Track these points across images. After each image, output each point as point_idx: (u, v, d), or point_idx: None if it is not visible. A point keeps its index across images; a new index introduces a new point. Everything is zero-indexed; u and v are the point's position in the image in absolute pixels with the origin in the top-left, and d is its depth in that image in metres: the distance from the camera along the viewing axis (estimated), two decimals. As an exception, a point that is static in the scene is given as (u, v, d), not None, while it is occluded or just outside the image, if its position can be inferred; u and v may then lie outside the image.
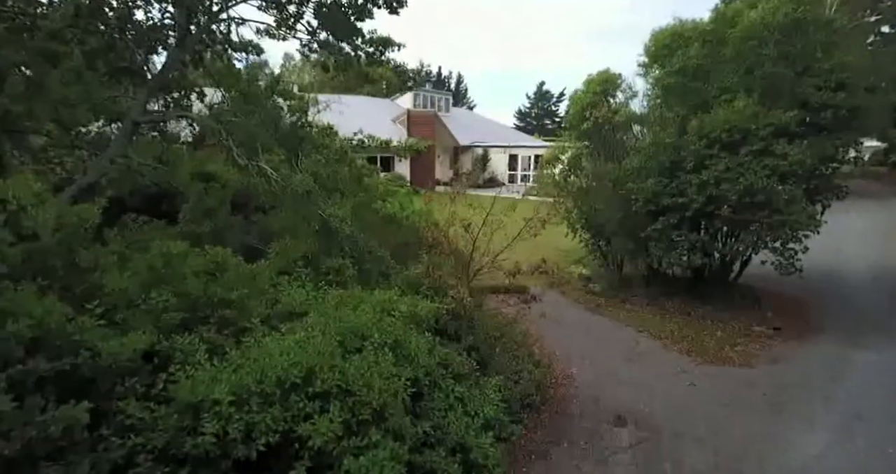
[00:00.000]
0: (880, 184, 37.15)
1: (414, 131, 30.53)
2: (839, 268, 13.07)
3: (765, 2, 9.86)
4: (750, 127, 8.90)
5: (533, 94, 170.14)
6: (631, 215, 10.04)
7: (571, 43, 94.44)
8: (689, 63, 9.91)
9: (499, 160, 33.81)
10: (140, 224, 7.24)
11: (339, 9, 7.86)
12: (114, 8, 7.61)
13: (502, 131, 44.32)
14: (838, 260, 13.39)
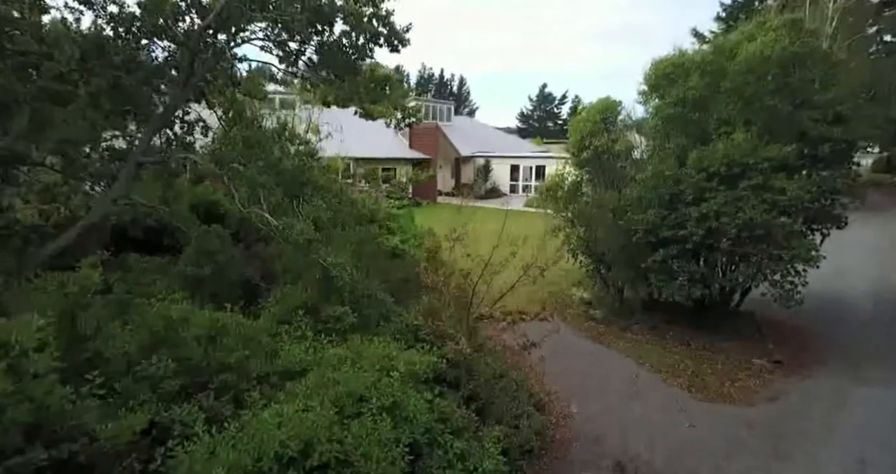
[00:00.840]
0: (882, 194, 36.91)
1: (416, 143, 30.64)
2: (840, 290, 13.03)
3: (763, 35, 9.90)
4: (748, 161, 8.91)
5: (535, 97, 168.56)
6: (631, 245, 10.05)
7: (573, 43, 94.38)
8: (689, 94, 9.94)
9: (501, 170, 33.88)
10: (142, 264, 7.31)
11: (340, 49, 7.91)
12: (119, 50, 7.67)
13: (504, 139, 44.42)
14: (839, 280, 13.33)
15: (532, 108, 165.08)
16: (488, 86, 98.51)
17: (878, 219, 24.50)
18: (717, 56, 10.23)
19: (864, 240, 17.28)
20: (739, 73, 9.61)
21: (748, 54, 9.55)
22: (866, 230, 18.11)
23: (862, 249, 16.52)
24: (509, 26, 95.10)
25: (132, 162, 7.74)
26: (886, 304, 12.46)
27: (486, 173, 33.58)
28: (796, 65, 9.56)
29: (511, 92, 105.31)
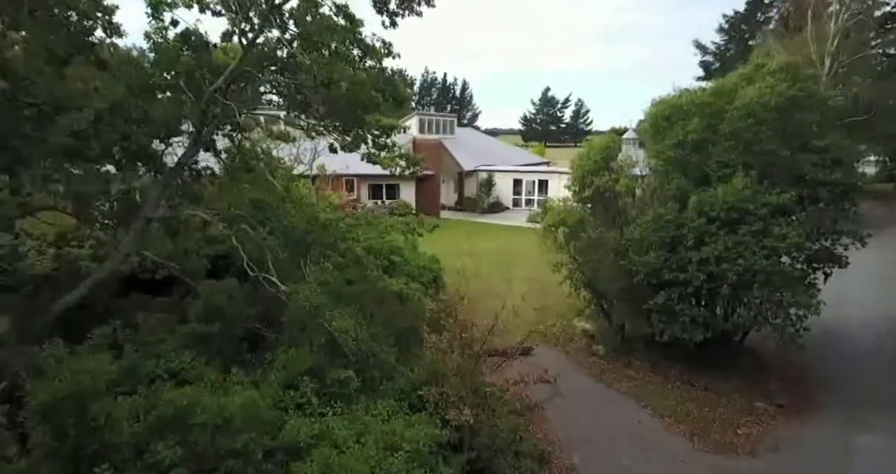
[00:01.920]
0: (885, 207, 36.09)
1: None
2: (840, 320, 12.87)
3: (761, 79, 9.98)
4: (748, 207, 8.97)
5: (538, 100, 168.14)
6: (633, 285, 10.11)
7: (576, 43, 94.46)
8: (689, 137, 10.02)
9: (503, 184, 33.97)
10: (150, 320, 7.43)
11: (347, 103, 8.03)
12: (133, 107, 7.84)
13: (507, 151, 44.56)
14: (839, 308, 12.88)
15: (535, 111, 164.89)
16: (491, 87, 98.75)
17: (880, 239, 24.24)
18: (716, 99, 10.31)
19: (864, 264, 16.96)
20: (738, 117, 9.69)
21: (747, 99, 9.63)
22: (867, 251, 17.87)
23: (863, 274, 16.33)
24: (511, 27, 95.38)
25: (142, 217, 7.91)
26: (887, 338, 12.45)
27: (489, 187, 33.67)
28: (794, 110, 9.63)
29: (514, 93, 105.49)
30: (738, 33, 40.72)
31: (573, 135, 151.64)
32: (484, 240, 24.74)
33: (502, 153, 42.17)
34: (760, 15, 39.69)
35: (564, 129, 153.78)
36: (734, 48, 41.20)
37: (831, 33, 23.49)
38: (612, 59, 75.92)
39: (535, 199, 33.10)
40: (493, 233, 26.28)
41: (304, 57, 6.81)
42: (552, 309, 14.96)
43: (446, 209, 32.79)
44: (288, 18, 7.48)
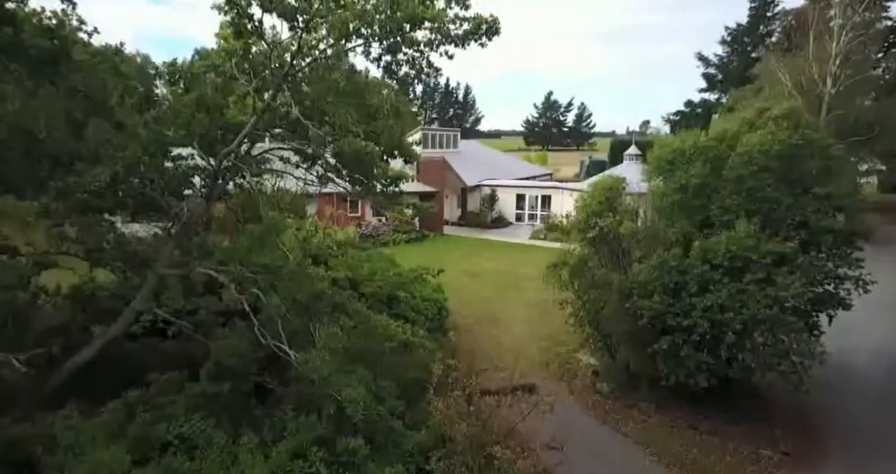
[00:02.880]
0: (889, 222, 35.51)
1: (423, 177, 30.96)
2: (845, 352, 12.77)
3: (763, 126, 10.09)
4: (751, 256, 9.07)
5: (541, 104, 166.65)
6: (638, 328, 10.20)
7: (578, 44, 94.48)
8: (691, 181, 10.13)
9: (506, 199, 34.11)
10: (161, 380, 7.58)
11: (356, 158, 8.18)
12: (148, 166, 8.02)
13: (510, 163, 44.77)
14: (843, 339, 12.35)
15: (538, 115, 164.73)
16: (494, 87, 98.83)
17: (885, 260, 23.90)
18: (718, 143, 10.43)
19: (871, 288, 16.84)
20: (740, 164, 9.79)
21: (748, 147, 9.74)
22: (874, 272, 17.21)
23: (868, 301, 16.09)
24: (514, 28, 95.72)
25: (154, 274, 8.08)
26: (892, 373, 12.46)
27: (491, 202, 33.82)
28: (796, 157, 9.73)
29: (517, 94, 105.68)
30: (740, 46, 40.84)
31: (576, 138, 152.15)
32: (486, 258, 24.81)
33: (505, 165, 42.36)
34: (763, 27, 39.80)
35: (567, 133, 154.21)
36: (737, 60, 41.32)
37: (833, 53, 23.55)
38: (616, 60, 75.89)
39: (537, 214, 33.23)
40: (496, 252, 26.34)
41: (315, 127, 6.95)
42: (555, 337, 15.01)
43: (449, 224, 32.94)
44: (300, 83, 7.65)
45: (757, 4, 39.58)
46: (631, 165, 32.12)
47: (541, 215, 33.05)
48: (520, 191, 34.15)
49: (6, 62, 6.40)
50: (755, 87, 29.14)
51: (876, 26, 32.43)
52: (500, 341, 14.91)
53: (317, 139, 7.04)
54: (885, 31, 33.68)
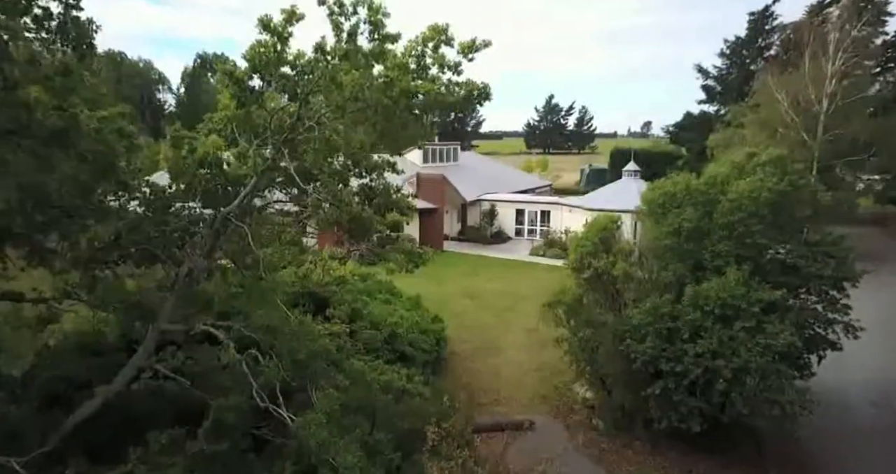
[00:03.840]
0: (885, 234, 35.06)
1: (423, 192, 31.18)
2: (839, 384, 12.84)
3: (752, 171, 10.29)
4: (741, 305, 9.25)
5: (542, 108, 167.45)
6: (631, 371, 10.38)
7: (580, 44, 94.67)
8: (684, 226, 10.33)
9: (506, 214, 34.31)
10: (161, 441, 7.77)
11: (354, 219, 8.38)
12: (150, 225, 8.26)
13: (510, 175, 45.00)
14: (837, 369, 12.29)
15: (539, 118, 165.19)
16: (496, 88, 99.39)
17: (881, 278, 23.85)
18: (709, 187, 10.62)
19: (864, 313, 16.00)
20: (730, 210, 9.99)
21: (738, 193, 9.93)
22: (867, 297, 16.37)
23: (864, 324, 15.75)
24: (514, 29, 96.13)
25: (155, 330, 8.30)
26: (887, 408, 12.59)
27: (491, 217, 34.03)
28: (785, 204, 9.93)
29: (519, 94, 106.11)
30: (738, 58, 41.02)
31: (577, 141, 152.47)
32: (486, 278, 24.98)
33: (505, 177, 42.61)
34: (761, 40, 39.99)
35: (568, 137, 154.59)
36: (735, 72, 41.50)
37: (829, 73, 23.72)
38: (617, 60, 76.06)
39: (537, 229, 33.42)
40: (495, 270, 26.50)
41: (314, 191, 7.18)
42: (553, 366, 15.14)
43: (449, 239, 33.15)
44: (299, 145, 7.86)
45: (755, 17, 39.77)
46: (629, 181, 32.34)
47: (540, 230, 33.25)
48: (519, 206, 34.35)
49: (20, 140, 6.65)
50: (753, 103, 29.32)
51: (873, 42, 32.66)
52: (499, 371, 15.08)
53: (315, 202, 7.26)
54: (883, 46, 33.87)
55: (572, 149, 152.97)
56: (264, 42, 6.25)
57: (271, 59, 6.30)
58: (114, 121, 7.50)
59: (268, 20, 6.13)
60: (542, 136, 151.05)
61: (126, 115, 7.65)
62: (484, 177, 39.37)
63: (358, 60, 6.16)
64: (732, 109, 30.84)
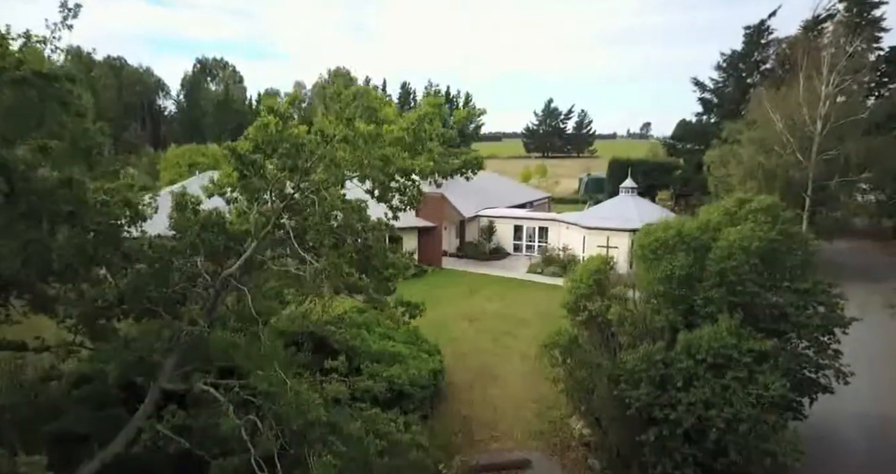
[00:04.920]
0: (884, 249, 34.96)
1: (423, 212, 31.38)
2: (831, 414, 12.83)
3: (743, 219, 10.48)
4: (733, 354, 9.43)
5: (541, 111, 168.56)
6: (626, 416, 10.53)
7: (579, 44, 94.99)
8: (676, 272, 10.50)
9: (504, 230, 34.50)
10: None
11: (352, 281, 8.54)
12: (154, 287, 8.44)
13: (508, 188, 45.27)
14: (834, 401, 11.66)
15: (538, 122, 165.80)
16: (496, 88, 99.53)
17: (880, 297, 23.87)
18: (702, 233, 10.80)
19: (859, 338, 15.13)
20: (722, 258, 10.17)
21: (729, 241, 10.11)
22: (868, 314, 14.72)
23: (861, 352, 14.33)
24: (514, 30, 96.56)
25: (156, 388, 8.47)
26: (881, 442, 12.73)
27: (489, 234, 34.22)
28: (775, 252, 10.11)
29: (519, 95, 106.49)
30: (735, 72, 41.29)
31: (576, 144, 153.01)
32: (485, 297, 25.12)
33: (504, 191, 42.87)
34: (757, 54, 40.27)
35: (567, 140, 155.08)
36: (732, 85, 41.77)
37: (822, 96, 23.96)
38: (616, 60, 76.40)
39: (535, 245, 33.61)
40: (494, 289, 26.64)
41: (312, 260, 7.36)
42: (550, 398, 15.26)
43: (448, 255, 33.32)
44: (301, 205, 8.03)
45: (751, 31, 40.06)
46: (626, 199, 32.55)
47: (538, 246, 33.43)
48: (517, 222, 34.55)
49: (29, 219, 6.83)
50: (748, 121, 29.55)
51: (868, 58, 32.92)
52: (497, 403, 15.22)
53: (314, 274, 7.44)
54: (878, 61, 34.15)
55: (571, 152, 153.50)
56: (268, 121, 6.44)
57: (273, 137, 6.49)
58: (120, 192, 7.68)
59: (273, 105, 6.33)
60: (541, 140, 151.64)
61: (132, 186, 7.83)
62: (482, 192, 39.53)
63: (356, 142, 6.35)
64: (728, 126, 31.05)
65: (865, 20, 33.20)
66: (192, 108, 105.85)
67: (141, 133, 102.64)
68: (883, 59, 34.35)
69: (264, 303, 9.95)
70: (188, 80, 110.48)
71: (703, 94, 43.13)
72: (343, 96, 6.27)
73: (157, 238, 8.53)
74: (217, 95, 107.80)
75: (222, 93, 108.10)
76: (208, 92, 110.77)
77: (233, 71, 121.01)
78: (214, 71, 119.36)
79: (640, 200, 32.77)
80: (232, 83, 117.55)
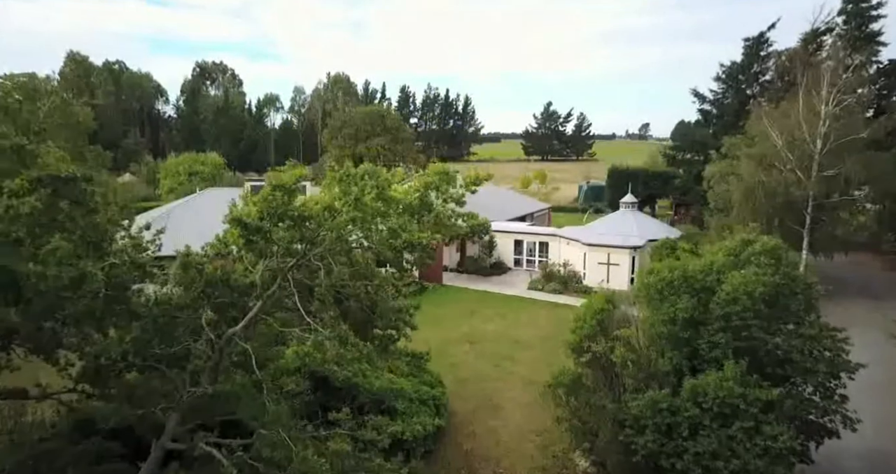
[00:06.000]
0: (878, 262, 34.41)
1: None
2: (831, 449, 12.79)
3: (747, 260, 10.45)
4: (739, 404, 9.38)
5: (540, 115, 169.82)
6: (632, 463, 10.48)
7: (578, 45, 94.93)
8: (680, 315, 10.47)
9: (505, 245, 34.47)
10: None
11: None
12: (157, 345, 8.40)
13: (507, 199, 45.26)
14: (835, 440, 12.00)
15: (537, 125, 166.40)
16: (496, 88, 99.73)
17: (881, 316, 23.80)
18: (706, 276, 10.77)
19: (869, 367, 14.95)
20: (727, 302, 10.13)
21: (734, 286, 10.08)
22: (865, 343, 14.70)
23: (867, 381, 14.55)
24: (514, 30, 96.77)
25: (159, 448, 8.41)
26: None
27: (490, 248, 34.19)
28: (780, 296, 10.09)
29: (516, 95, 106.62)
30: (734, 83, 41.37)
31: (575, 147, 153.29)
32: (485, 317, 25.05)
33: (504, 203, 42.84)
34: (756, 66, 40.35)
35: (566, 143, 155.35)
36: (731, 96, 41.85)
37: (822, 115, 23.98)
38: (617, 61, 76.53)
39: (535, 260, 33.58)
40: (495, 308, 26.57)
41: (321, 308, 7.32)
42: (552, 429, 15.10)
43: (449, 270, 33.28)
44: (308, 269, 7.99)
45: (751, 43, 40.13)
46: (627, 214, 32.54)
47: (539, 261, 33.40)
48: (518, 237, 34.53)
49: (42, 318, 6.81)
50: (748, 137, 29.54)
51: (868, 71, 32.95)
52: (499, 436, 15.16)
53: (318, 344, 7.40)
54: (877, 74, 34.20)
55: (570, 155, 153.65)
56: (275, 196, 6.42)
57: (279, 208, 6.47)
58: (134, 262, 7.63)
59: (279, 181, 6.32)
60: (540, 143, 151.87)
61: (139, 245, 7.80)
62: (483, 204, 39.15)
63: (365, 219, 6.32)
64: (728, 141, 31.08)
65: (864, 34, 33.25)
66: (191, 114, 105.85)
67: (140, 139, 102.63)
68: (882, 71, 34.40)
69: (268, 351, 9.90)
70: (188, 86, 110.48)
71: (703, 105, 43.21)
72: (353, 175, 6.24)
73: (163, 294, 8.49)
74: (217, 101, 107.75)
75: (222, 99, 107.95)
76: (207, 98, 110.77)
77: (232, 75, 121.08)
78: (214, 74, 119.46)
79: (640, 216, 32.79)
80: (231, 88, 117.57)
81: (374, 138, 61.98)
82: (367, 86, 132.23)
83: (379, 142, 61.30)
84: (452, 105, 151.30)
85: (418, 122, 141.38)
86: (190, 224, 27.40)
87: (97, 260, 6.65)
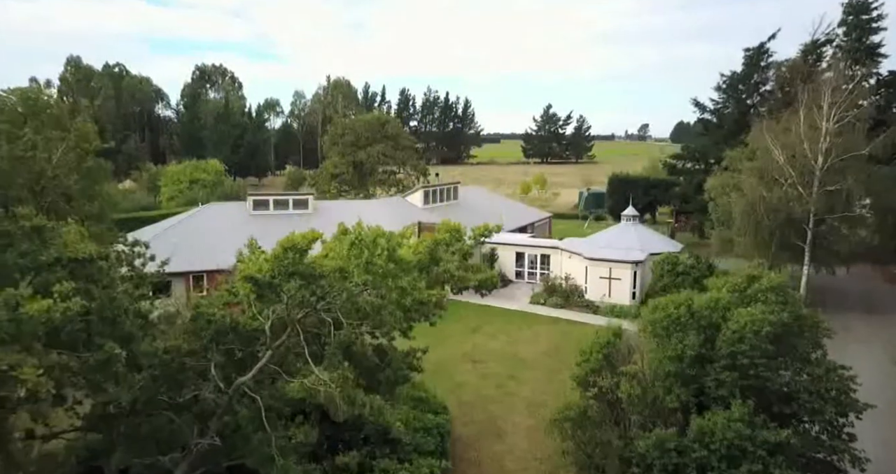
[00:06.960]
0: (879, 273, 33.92)
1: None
2: None
3: (753, 297, 10.47)
4: (747, 447, 9.39)
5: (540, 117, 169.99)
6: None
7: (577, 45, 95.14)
8: (686, 352, 10.48)
9: (506, 257, 34.45)
10: None
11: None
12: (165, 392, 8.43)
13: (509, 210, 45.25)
14: None
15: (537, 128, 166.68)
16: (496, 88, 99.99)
17: (883, 332, 23.81)
18: (712, 312, 10.79)
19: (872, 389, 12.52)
20: (733, 341, 10.14)
21: (740, 325, 10.09)
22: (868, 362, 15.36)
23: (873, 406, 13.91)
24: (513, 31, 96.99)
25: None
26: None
27: (491, 261, 34.17)
28: (786, 334, 10.10)
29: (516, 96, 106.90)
30: (735, 93, 41.42)
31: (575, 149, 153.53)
32: (488, 334, 24.99)
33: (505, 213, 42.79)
34: (757, 76, 40.41)
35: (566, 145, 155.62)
36: (732, 106, 41.91)
37: (823, 131, 24.03)
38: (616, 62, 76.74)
39: (537, 272, 33.56)
40: (497, 324, 26.52)
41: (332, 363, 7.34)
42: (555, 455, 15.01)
43: (451, 282, 33.27)
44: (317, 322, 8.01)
45: (751, 54, 40.19)
46: (628, 227, 32.55)
47: (540, 273, 33.39)
48: (519, 249, 34.52)
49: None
50: (749, 150, 29.56)
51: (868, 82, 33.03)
52: (503, 463, 15.12)
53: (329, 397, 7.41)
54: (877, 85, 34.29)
55: (570, 157, 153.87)
56: (288, 256, 6.44)
57: (291, 268, 6.48)
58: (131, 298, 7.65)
59: (290, 242, 6.34)
60: (539, 146, 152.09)
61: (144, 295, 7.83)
62: (484, 214, 39.46)
63: (376, 282, 6.34)
64: (728, 154, 31.13)
65: (864, 46, 33.34)
66: (191, 120, 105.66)
67: (141, 144, 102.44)
68: (883, 82, 34.49)
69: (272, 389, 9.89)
70: (187, 91, 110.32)
71: (703, 114, 43.29)
72: (364, 238, 6.27)
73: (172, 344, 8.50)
74: (217, 106, 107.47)
75: (222, 104, 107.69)
76: (207, 103, 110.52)
77: (231, 78, 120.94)
78: (214, 77, 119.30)
79: (642, 229, 32.80)
80: (231, 91, 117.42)
81: (374, 145, 62.00)
82: (366, 89, 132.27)
83: (379, 150, 61.30)
84: (452, 108, 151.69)
85: (418, 125, 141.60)
86: (191, 244, 27.44)
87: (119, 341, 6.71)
